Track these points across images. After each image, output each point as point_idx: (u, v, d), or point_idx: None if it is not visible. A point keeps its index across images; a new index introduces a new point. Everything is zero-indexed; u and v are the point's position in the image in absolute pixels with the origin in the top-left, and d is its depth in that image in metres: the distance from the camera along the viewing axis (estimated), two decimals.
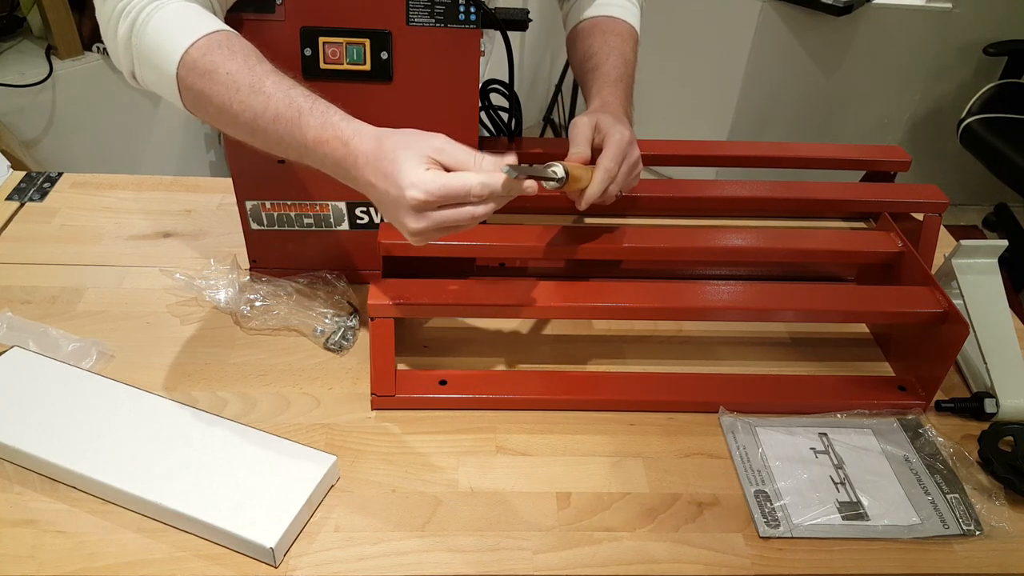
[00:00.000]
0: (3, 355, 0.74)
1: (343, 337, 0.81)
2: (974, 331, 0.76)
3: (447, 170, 0.60)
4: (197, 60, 0.63)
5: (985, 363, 0.76)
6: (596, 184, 0.72)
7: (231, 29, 0.67)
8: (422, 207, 0.59)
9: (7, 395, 0.70)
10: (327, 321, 0.82)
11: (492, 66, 0.96)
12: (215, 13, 0.70)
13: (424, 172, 0.58)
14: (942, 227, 0.93)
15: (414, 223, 0.60)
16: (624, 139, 0.74)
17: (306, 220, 0.86)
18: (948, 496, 0.68)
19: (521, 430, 0.73)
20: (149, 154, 1.97)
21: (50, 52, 1.77)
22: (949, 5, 2.20)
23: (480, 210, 0.60)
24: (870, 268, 0.91)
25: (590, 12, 0.90)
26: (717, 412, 0.75)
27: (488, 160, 0.60)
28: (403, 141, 0.60)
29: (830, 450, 0.72)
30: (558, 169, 0.67)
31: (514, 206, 0.94)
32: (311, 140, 0.62)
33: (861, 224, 0.96)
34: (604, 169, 0.72)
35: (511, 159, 0.62)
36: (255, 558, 0.60)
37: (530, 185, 0.62)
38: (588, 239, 0.82)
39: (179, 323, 0.83)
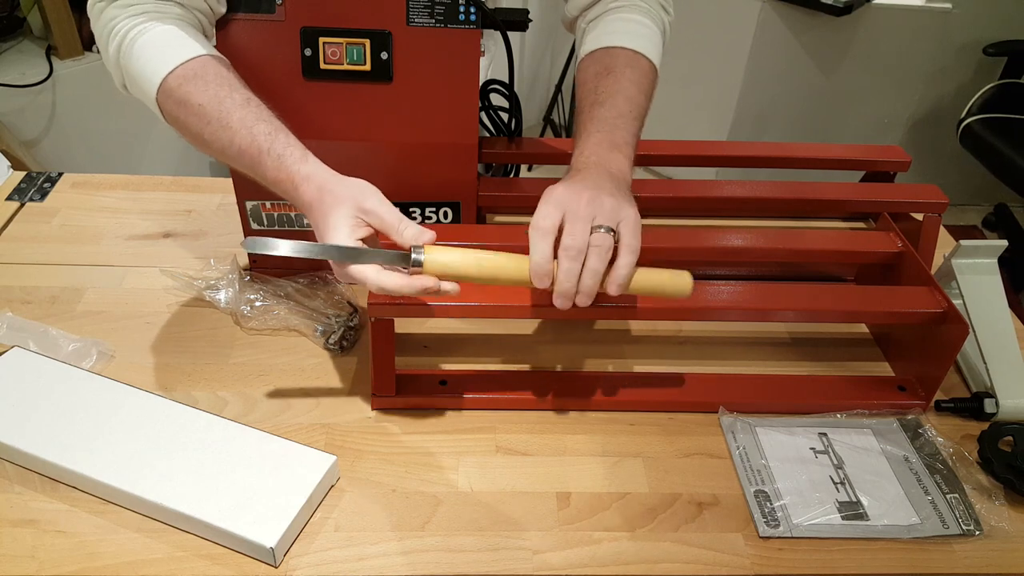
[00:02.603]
0: (3, 355, 0.74)
1: (343, 337, 0.81)
2: (974, 331, 0.76)
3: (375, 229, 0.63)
4: (173, 89, 0.66)
5: (985, 363, 0.76)
6: (534, 249, 0.60)
7: (212, 53, 0.68)
8: (335, 266, 0.62)
9: (7, 395, 0.70)
10: (327, 321, 0.82)
11: (492, 66, 0.96)
12: (203, 29, 0.72)
13: (344, 240, 0.60)
14: (942, 227, 0.93)
15: (334, 268, 0.63)
16: (551, 195, 0.62)
17: (306, 220, 0.85)
18: (948, 496, 0.68)
19: (521, 430, 0.73)
20: (149, 154, 1.97)
21: (50, 52, 1.77)
22: (949, 5, 2.19)
23: (381, 290, 0.61)
24: (870, 268, 0.91)
25: (590, 44, 0.79)
26: (717, 412, 0.75)
27: (410, 231, 0.61)
28: (340, 195, 0.62)
29: (830, 450, 0.72)
30: (419, 254, 0.58)
31: (514, 206, 0.95)
32: (270, 178, 0.65)
33: (861, 224, 0.96)
34: (533, 228, 0.60)
35: (428, 237, 0.61)
36: (255, 558, 0.60)
37: (427, 286, 0.60)
38: None
39: (179, 323, 0.83)
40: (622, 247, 0.61)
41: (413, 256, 0.60)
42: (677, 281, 0.65)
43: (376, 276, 0.60)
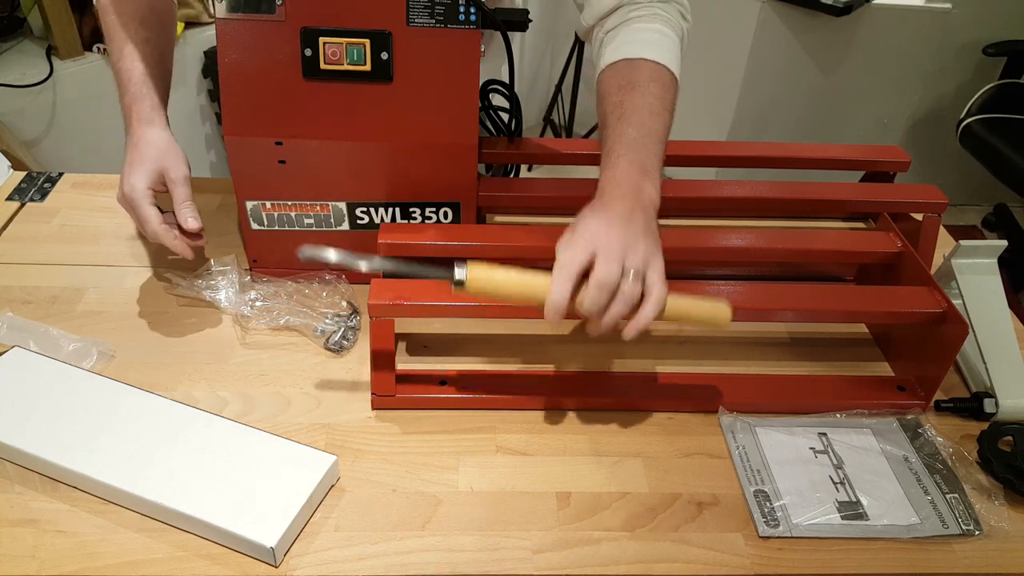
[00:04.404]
0: (3, 355, 0.74)
1: (343, 337, 0.81)
2: (973, 331, 0.76)
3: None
4: (106, 4, 0.83)
5: (984, 363, 0.76)
6: (554, 287, 0.60)
7: None
8: (121, 197, 0.77)
9: (8, 395, 0.70)
10: (327, 321, 0.82)
11: (493, 66, 0.96)
12: None
13: (138, 182, 0.75)
14: (941, 227, 0.93)
15: (120, 191, 0.77)
16: (584, 230, 0.62)
17: (306, 220, 0.86)
18: (947, 496, 0.68)
19: (521, 430, 0.73)
20: None
21: (50, 52, 1.77)
22: (949, 5, 2.19)
23: (147, 229, 0.75)
24: (870, 268, 0.91)
25: (610, 55, 0.77)
26: (717, 412, 0.75)
27: (183, 213, 0.76)
28: (157, 154, 0.77)
29: (829, 450, 0.72)
30: (463, 269, 0.59)
31: (514, 206, 0.95)
32: (125, 110, 0.80)
33: (861, 224, 0.96)
34: (559, 267, 0.60)
35: (193, 225, 0.75)
36: (255, 558, 0.60)
37: (179, 248, 0.76)
38: None
39: (179, 323, 0.83)
40: (649, 298, 0.61)
41: (456, 271, 0.60)
42: (715, 312, 0.65)
43: (157, 221, 0.74)
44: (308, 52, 0.75)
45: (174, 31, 0.90)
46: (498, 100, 0.97)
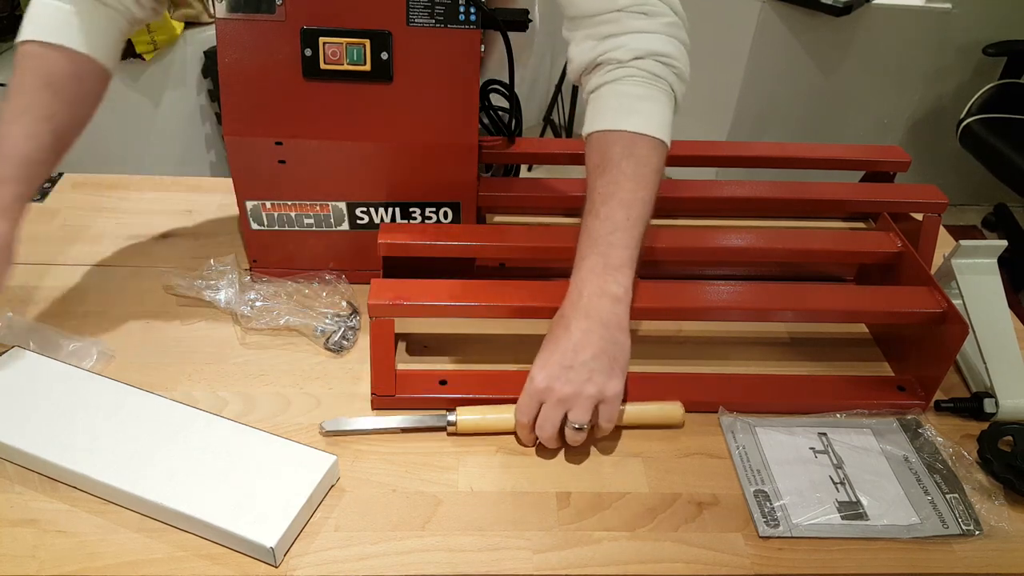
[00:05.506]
0: (3, 355, 0.74)
1: (343, 337, 0.81)
2: (973, 331, 0.76)
3: None
4: (16, 59, 0.73)
5: (984, 363, 0.76)
6: (519, 432, 0.71)
7: (53, 43, 0.72)
8: None
9: (7, 395, 0.70)
10: (327, 321, 0.82)
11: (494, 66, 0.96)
12: (116, 21, 0.76)
13: None
14: (941, 227, 0.93)
15: None
16: (532, 382, 0.67)
17: (306, 220, 0.86)
18: (947, 496, 0.68)
19: None
20: (149, 154, 1.97)
21: None
22: (949, 5, 2.20)
23: None
24: (870, 268, 0.91)
25: (587, 125, 0.73)
26: (717, 412, 0.75)
27: None
28: None
29: (829, 450, 0.72)
30: (454, 415, 0.71)
31: (514, 206, 0.95)
32: None
33: (861, 224, 0.97)
34: (516, 420, 0.70)
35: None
36: (255, 558, 0.60)
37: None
38: None
39: (179, 323, 0.83)
40: (596, 429, 0.69)
41: (448, 416, 0.71)
42: (665, 414, 0.73)
43: None
44: (308, 52, 0.75)
45: (96, 102, 0.78)
46: (498, 100, 0.97)
